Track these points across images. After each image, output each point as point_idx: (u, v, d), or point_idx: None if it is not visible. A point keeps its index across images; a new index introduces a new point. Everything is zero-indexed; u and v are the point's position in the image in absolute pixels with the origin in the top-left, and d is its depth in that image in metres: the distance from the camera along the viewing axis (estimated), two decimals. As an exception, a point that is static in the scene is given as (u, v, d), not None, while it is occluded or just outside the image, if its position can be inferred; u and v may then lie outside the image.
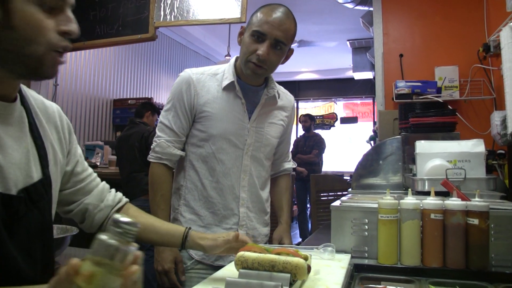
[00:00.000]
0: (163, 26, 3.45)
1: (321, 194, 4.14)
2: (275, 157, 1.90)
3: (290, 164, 2.01)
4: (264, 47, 1.57)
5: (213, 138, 1.66)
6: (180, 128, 1.69)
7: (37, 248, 0.90)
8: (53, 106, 1.07)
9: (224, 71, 1.72)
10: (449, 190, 1.55)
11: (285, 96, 1.89)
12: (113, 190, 1.23)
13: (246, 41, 1.61)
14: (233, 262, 1.32)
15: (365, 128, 10.19)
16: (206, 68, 1.76)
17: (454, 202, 1.34)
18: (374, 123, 9.42)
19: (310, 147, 6.94)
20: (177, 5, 3.30)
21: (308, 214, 6.71)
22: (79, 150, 1.13)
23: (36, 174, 0.92)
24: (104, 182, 1.21)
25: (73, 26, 0.85)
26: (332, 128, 10.26)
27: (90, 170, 1.17)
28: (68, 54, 4.60)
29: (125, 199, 1.24)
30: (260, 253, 1.02)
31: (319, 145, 7.01)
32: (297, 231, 6.99)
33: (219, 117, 1.66)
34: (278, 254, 1.01)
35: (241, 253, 1.04)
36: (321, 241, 1.53)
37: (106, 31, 3.70)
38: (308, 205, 6.73)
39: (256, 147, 1.73)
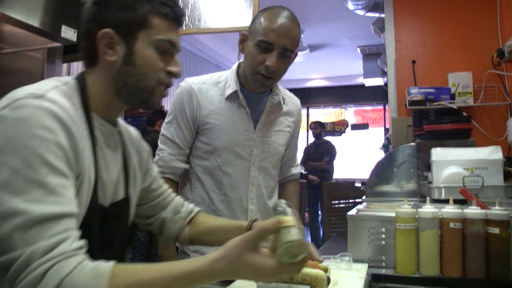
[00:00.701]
0: (175, 34, 3.45)
1: (333, 202, 4.10)
2: (281, 162, 1.83)
3: (297, 169, 1.94)
4: (273, 57, 1.48)
5: (218, 151, 1.60)
6: (183, 141, 1.62)
7: (114, 259, 0.97)
8: (134, 131, 1.22)
9: (227, 79, 1.64)
10: (467, 198, 1.53)
11: (291, 101, 1.80)
12: (186, 202, 1.32)
13: (251, 51, 1.51)
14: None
15: (376, 134, 10.15)
16: (207, 76, 1.69)
17: (473, 210, 1.32)
18: (385, 130, 9.37)
19: (321, 154, 6.90)
20: (189, 14, 3.30)
21: (320, 221, 6.67)
22: (155, 170, 1.27)
23: (121, 193, 1.05)
24: (178, 197, 1.32)
25: (179, 69, 1.01)
26: (342, 134, 10.22)
27: (166, 187, 1.28)
28: (80, 63, 4.63)
29: (196, 209, 1.31)
30: (278, 264, 1.00)
31: (330, 152, 6.97)
32: (309, 238, 6.95)
33: (224, 129, 1.59)
34: (297, 265, 0.99)
35: (259, 264, 1.02)
36: (336, 249, 1.51)
37: (118, 40, 3.70)
38: (319, 212, 6.70)
39: (263, 157, 1.66)
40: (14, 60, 3.61)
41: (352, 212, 1.57)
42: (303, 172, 2.05)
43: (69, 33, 3.19)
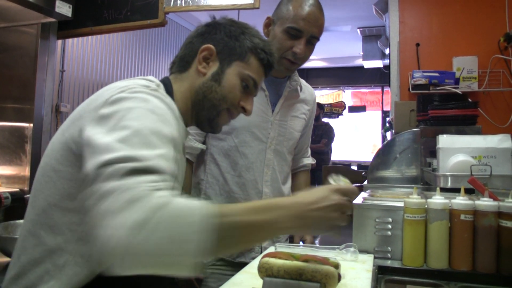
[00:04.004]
0: (174, 11, 3.36)
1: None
2: (294, 151, 1.84)
3: (309, 160, 1.96)
4: (302, 45, 1.54)
5: (236, 131, 1.61)
6: None
7: None
8: None
9: None
10: (477, 188, 1.48)
11: (307, 89, 1.84)
12: None
13: (279, 36, 1.56)
14: (253, 262, 1.26)
15: (373, 117, 10.10)
16: None
17: (486, 202, 1.27)
18: (383, 112, 9.32)
19: (319, 136, 6.84)
20: (188, -10, 3.20)
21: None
22: None
23: None
24: None
25: (251, 109, 1.13)
26: (340, 116, 10.15)
27: None
28: (75, 39, 4.52)
29: None
30: (286, 259, 0.95)
31: (329, 134, 6.91)
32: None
33: None
34: (306, 261, 0.94)
35: (265, 259, 0.96)
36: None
37: (114, 16, 3.59)
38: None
39: (279, 141, 1.68)
40: (6, 36, 3.50)
41: (358, 200, 1.52)
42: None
43: (63, 8, 3.09)
